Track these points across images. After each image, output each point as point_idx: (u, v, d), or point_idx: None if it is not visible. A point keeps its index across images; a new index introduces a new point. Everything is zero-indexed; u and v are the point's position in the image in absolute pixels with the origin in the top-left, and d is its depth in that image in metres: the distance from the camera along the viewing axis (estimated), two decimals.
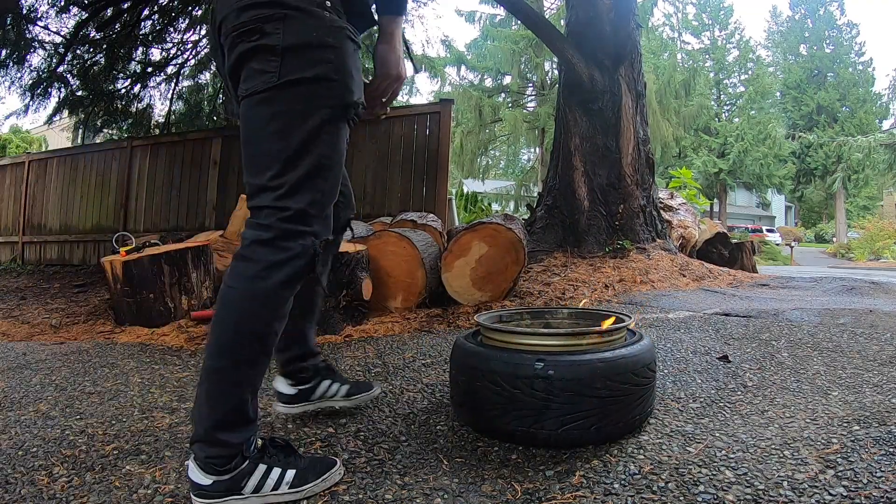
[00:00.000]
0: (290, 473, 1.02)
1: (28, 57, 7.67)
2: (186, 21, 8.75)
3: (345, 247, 2.79)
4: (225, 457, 0.98)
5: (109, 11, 7.53)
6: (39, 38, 7.70)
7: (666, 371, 1.74)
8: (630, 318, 1.33)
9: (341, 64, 1.03)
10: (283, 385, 1.38)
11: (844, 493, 0.94)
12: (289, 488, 1.01)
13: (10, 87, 7.78)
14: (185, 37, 8.93)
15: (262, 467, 1.01)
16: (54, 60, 7.92)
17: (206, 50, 9.13)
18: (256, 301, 1.00)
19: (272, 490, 1.00)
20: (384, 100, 1.19)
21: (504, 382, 1.17)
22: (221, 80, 1.22)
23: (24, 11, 7.17)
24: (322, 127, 1.02)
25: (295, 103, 1.00)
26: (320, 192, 1.03)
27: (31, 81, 7.91)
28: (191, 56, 9.08)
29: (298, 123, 1.00)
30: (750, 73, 29.68)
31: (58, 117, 8.84)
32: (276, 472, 1.01)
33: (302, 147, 1.00)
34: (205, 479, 0.98)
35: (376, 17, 1.17)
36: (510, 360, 1.18)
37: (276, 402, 1.42)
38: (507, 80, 19.90)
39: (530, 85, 19.85)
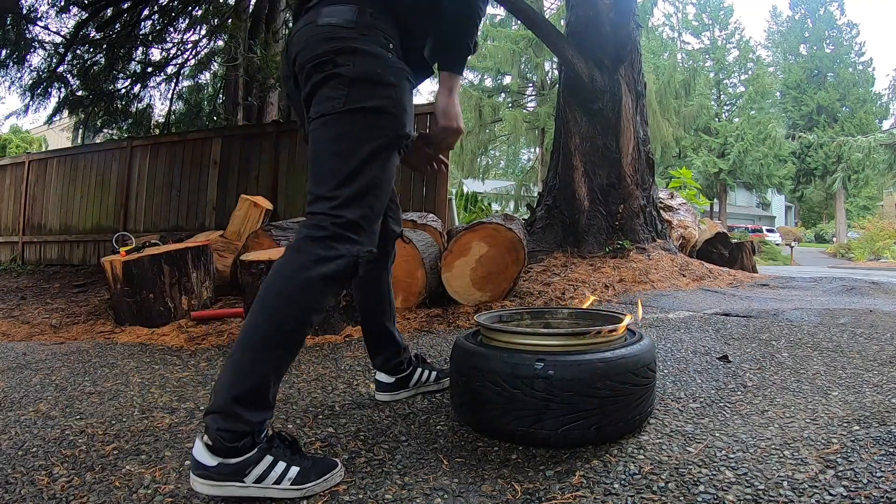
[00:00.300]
0: (294, 470, 1.03)
1: (28, 57, 7.67)
2: (186, 21, 8.75)
3: None
4: (236, 433, 1.00)
5: (109, 11, 7.53)
6: (39, 38, 7.70)
7: (666, 371, 1.74)
8: (628, 315, 1.33)
9: (399, 100, 1.16)
10: (382, 376, 1.55)
11: (844, 493, 0.94)
12: (290, 484, 1.02)
13: (10, 87, 7.78)
14: (185, 37, 8.93)
15: (268, 458, 1.02)
16: (54, 60, 7.92)
17: (206, 50, 9.13)
18: (299, 288, 1.07)
19: (274, 483, 1.01)
20: (440, 149, 1.33)
21: (504, 382, 1.17)
22: (289, 103, 1.41)
23: (24, 11, 7.17)
24: (377, 152, 1.14)
25: (356, 129, 1.13)
26: (370, 208, 1.14)
27: (31, 81, 7.91)
28: (191, 56, 9.09)
29: (357, 147, 1.12)
30: (750, 73, 29.69)
31: (58, 117, 8.84)
32: (281, 465, 1.03)
33: (358, 168, 1.12)
34: (210, 461, 0.99)
35: (436, 70, 1.31)
36: (510, 359, 1.18)
37: (377, 392, 1.57)
38: (507, 79, 19.91)
39: (530, 85, 19.86)
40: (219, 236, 4.54)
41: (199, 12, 8.67)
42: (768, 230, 29.56)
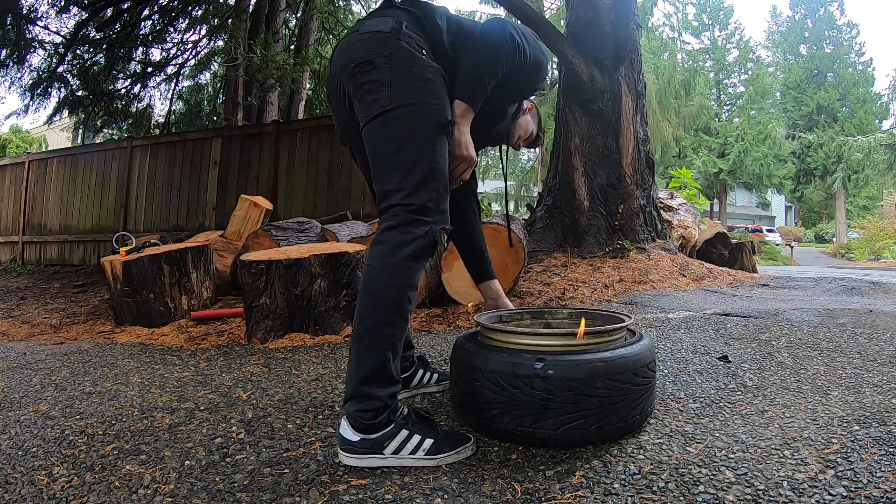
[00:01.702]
0: (428, 442, 1.15)
1: (28, 57, 7.68)
2: (186, 21, 8.76)
3: (345, 247, 2.79)
4: (372, 410, 1.14)
5: (109, 11, 7.54)
6: (39, 38, 7.71)
7: (666, 371, 1.74)
8: (629, 317, 1.33)
9: (437, 91, 1.27)
10: None
11: (844, 493, 0.94)
12: (424, 454, 1.14)
13: (10, 87, 7.80)
14: (185, 37, 8.94)
15: (404, 432, 1.15)
16: (54, 60, 7.93)
17: (206, 50, 9.14)
18: (388, 272, 1.19)
19: (410, 454, 1.14)
20: (452, 180, 1.36)
21: (504, 382, 1.17)
22: (335, 118, 1.47)
23: (24, 11, 7.18)
24: (428, 140, 1.24)
25: (405, 124, 1.23)
26: (435, 191, 1.23)
27: (31, 81, 7.92)
28: (191, 56, 9.10)
29: (410, 140, 1.23)
30: (750, 73, 29.70)
31: (58, 117, 8.85)
32: (416, 438, 1.15)
33: (416, 158, 1.22)
34: (353, 436, 1.14)
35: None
36: (509, 359, 1.18)
37: None
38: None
39: None
40: (219, 236, 4.54)
41: (199, 12, 8.68)
42: (768, 230, 29.57)
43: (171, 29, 8.64)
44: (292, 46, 9.34)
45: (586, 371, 1.13)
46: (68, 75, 8.19)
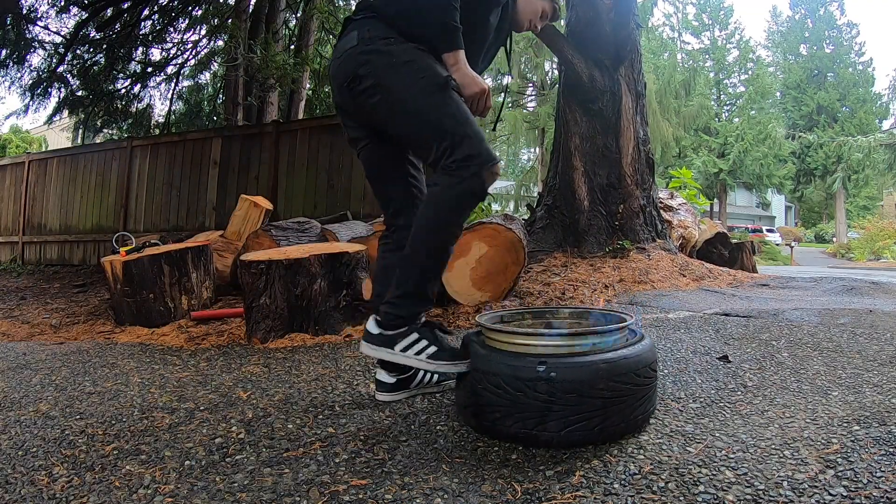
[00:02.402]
0: (432, 349, 1.35)
1: (28, 57, 7.68)
2: (186, 21, 8.76)
3: (345, 247, 2.79)
4: (399, 317, 1.38)
5: (109, 11, 7.54)
6: (39, 38, 7.71)
7: (666, 371, 1.74)
8: (631, 317, 1.33)
9: (421, 64, 1.38)
10: (383, 375, 1.57)
11: (844, 493, 0.94)
12: (426, 357, 1.35)
13: (10, 87, 7.80)
14: (185, 37, 8.94)
15: (414, 335, 1.37)
16: (54, 60, 7.93)
17: (206, 50, 9.14)
18: (442, 212, 1.37)
19: (415, 354, 1.35)
20: (479, 114, 1.47)
21: (506, 384, 1.17)
22: (344, 126, 1.57)
23: (24, 11, 7.18)
24: (438, 103, 1.36)
25: (411, 104, 1.37)
26: (467, 136, 1.34)
27: (31, 81, 7.92)
28: (191, 56, 9.10)
29: (423, 112, 1.36)
30: (750, 73, 29.67)
31: (58, 117, 8.85)
32: (423, 343, 1.36)
33: (437, 123, 1.35)
34: (375, 329, 1.40)
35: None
36: (512, 361, 1.18)
37: (377, 392, 1.58)
38: (507, 79, 19.87)
39: (530, 85, 19.84)
40: (219, 236, 4.55)
41: (199, 12, 8.68)
42: (768, 230, 29.55)
43: (171, 29, 8.64)
44: (292, 46, 9.34)
45: (589, 373, 1.13)
46: (68, 75, 8.19)
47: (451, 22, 1.37)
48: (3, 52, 7.36)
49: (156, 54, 8.98)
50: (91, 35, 7.87)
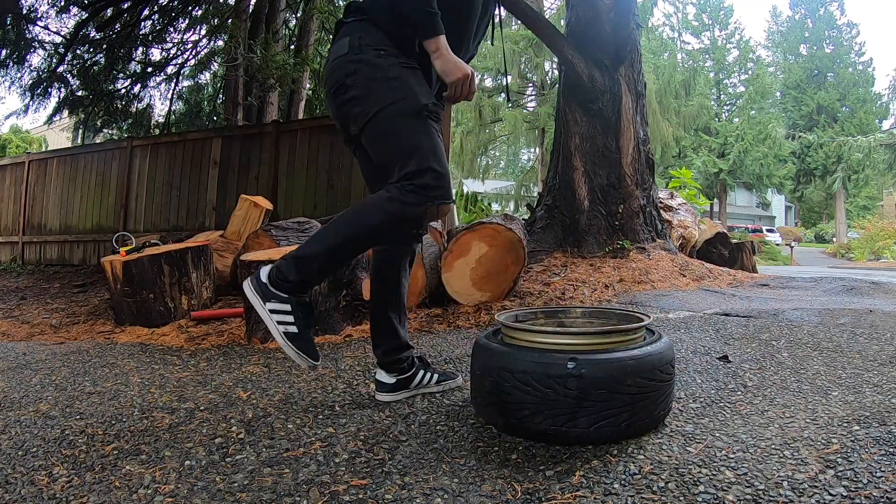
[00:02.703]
0: (293, 329, 1.35)
1: (28, 57, 7.68)
2: (186, 21, 8.75)
3: None
4: (289, 281, 1.36)
5: (109, 11, 7.53)
6: (39, 38, 7.71)
7: None
8: (648, 316, 1.35)
9: (405, 84, 1.39)
10: (383, 376, 1.59)
11: (844, 493, 0.94)
12: (282, 331, 1.34)
13: (10, 87, 7.79)
14: (185, 37, 8.94)
15: (287, 306, 1.36)
16: (54, 60, 7.93)
17: (206, 50, 9.13)
18: (371, 211, 1.38)
19: (276, 322, 1.34)
20: (465, 96, 1.46)
21: (536, 382, 1.17)
22: (339, 128, 1.57)
23: (24, 11, 7.18)
24: (412, 129, 1.37)
25: (387, 123, 1.38)
26: (432, 170, 1.35)
27: (31, 81, 7.91)
28: (191, 56, 9.09)
29: (396, 134, 1.38)
30: (750, 73, 29.65)
31: (58, 117, 8.85)
32: (290, 318, 1.36)
33: (406, 148, 1.36)
34: (263, 276, 1.37)
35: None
36: (542, 359, 1.18)
37: (377, 392, 1.59)
38: (507, 80, 19.88)
39: (530, 85, 19.84)
40: (219, 236, 4.54)
41: (199, 12, 8.68)
42: (768, 230, 29.54)
43: (171, 29, 8.63)
44: (292, 46, 9.34)
45: (618, 369, 1.15)
46: (68, 75, 8.18)
47: (426, 7, 1.35)
48: (3, 52, 7.36)
49: (156, 54, 8.98)
50: (91, 35, 7.87)
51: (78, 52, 8.04)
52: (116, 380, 1.89)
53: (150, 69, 8.82)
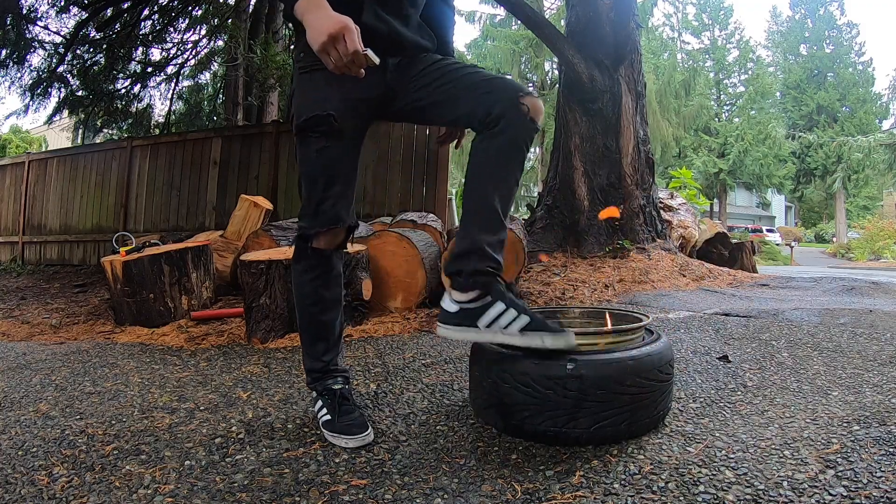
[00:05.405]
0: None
1: (28, 57, 7.67)
2: (186, 21, 8.75)
3: None
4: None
5: (109, 11, 7.53)
6: (39, 38, 7.70)
7: None
8: (647, 316, 1.35)
9: (300, 93, 1.29)
10: (447, 302, 1.30)
11: (844, 493, 0.94)
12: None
13: (10, 87, 7.79)
14: (185, 37, 8.93)
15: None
16: (54, 60, 7.92)
17: (206, 50, 9.13)
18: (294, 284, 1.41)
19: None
20: (347, 68, 1.07)
21: (535, 383, 1.17)
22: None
23: (24, 11, 7.17)
24: (301, 147, 1.30)
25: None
26: (305, 198, 1.30)
27: (31, 81, 7.91)
28: (191, 56, 9.09)
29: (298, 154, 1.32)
30: (750, 73, 29.67)
31: (58, 117, 8.84)
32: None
33: (301, 169, 1.32)
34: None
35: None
36: (541, 360, 1.18)
37: (438, 325, 1.29)
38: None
39: (530, 85, 19.84)
40: (219, 236, 4.54)
41: (199, 12, 8.67)
42: (768, 230, 29.53)
43: (171, 29, 8.63)
44: (292, 46, 9.34)
45: (617, 369, 1.15)
46: (68, 75, 8.18)
47: None
48: (3, 52, 7.36)
49: (156, 54, 8.98)
50: (91, 35, 7.87)
51: (78, 52, 8.04)
52: (116, 380, 1.89)
53: (150, 69, 8.82)
